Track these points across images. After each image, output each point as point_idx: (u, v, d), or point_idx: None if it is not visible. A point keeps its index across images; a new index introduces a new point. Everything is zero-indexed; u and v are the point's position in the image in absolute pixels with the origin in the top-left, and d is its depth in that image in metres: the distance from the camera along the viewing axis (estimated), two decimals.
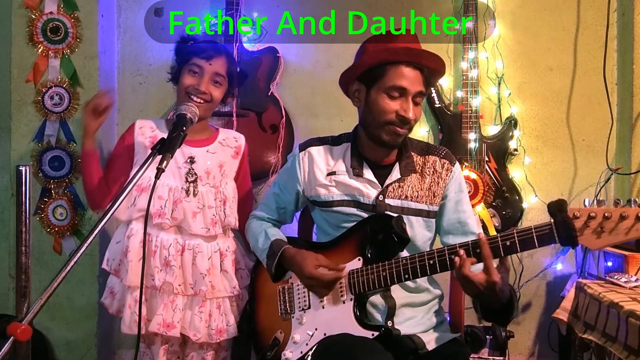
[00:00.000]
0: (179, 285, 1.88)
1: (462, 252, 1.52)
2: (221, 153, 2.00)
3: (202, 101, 1.94)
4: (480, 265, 1.51)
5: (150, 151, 1.49)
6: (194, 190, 1.92)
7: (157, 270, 1.87)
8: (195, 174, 1.94)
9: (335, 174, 1.81)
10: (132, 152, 2.01)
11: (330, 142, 1.88)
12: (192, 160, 1.94)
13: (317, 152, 1.86)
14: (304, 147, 1.89)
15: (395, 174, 1.77)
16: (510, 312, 1.61)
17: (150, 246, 1.89)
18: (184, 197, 1.90)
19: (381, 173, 1.79)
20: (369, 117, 1.76)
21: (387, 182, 1.77)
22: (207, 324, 1.91)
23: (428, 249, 1.80)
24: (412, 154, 1.82)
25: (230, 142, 2.03)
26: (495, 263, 1.50)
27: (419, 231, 1.77)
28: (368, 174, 1.78)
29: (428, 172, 1.79)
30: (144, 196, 1.87)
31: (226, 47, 2.17)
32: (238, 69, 2.11)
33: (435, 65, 1.75)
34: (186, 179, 1.92)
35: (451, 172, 1.81)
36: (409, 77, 1.70)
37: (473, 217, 1.84)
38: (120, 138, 2.06)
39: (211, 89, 1.95)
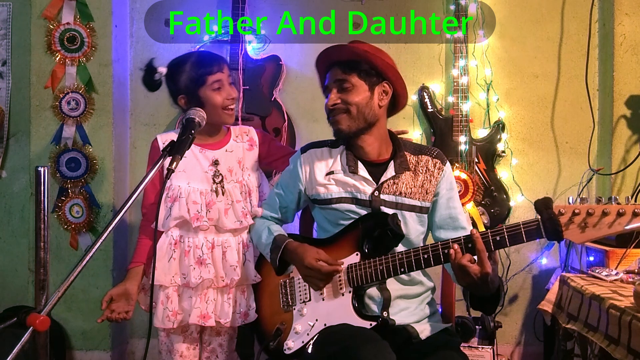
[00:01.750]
0: (212, 279, 1.89)
1: (456, 246, 1.53)
2: (237, 149, 2.00)
3: (234, 106, 1.95)
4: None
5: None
6: (221, 189, 1.93)
7: (192, 268, 1.88)
8: (221, 174, 1.94)
9: (333, 173, 1.81)
10: None
11: (329, 144, 1.88)
12: (216, 163, 1.94)
13: (317, 154, 1.87)
14: (305, 149, 1.90)
15: (390, 171, 1.77)
16: (497, 301, 1.62)
17: (184, 247, 1.90)
18: (215, 198, 1.91)
19: (376, 171, 1.79)
20: None
21: (383, 179, 1.77)
22: (234, 310, 1.92)
23: (421, 243, 1.81)
24: (406, 153, 1.82)
25: (242, 137, 2.03)
26: None
27: (412, 226, 1.77)
28: (362, 171, 1.78)
29: (421, 171, 1.79)
30: (177, 205, 1.88)
31: (215, 54, 2.12)
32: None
33: (337, 57, 1.77)
34: (213, 180, 1.93)
35: (443, 170, 1.81)
36: (329, 77, 1.80)
37: (463, 213, 1.84)
38: (149, 159, 2.00)
39: (233, 92, 1.95)
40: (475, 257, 1.50)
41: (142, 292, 1.97)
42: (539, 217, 1.46)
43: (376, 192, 1.76)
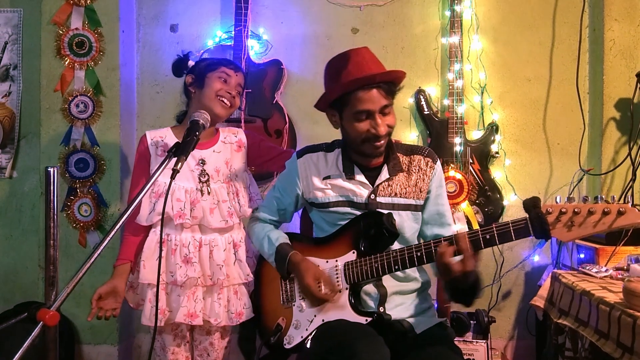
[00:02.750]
0: (199, 278, 1.88)
1: (447, 244, 1.53)
2: (225, 150, 1.99)
3: (229, 104, 1.93)
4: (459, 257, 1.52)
5: (165, 156, 1.48)
6: (207, 189, 1.92)
7: (178, 267, 1.86)
8: (207, 174, 1.93)
9: (330, 178, 1.81)
10: (150, 162, 1.98)
11: (324, 148, 1.87)
12: (203, 162, 1.93)
13: (313, 158, 1.85)
14: (300, 154, 1.87)
15: (384, 174, 1.77)
16: (475, 294, 1.62)
17: (171, 245, 1.89)
18: (199, 197, 1.90)
19: (371, 174, 1.79)
20: (348, 138, 1.77)
21: (377, 182, 1.77)
22: (227, 309, 1.91)
23: (416, 240, 1.81)
24: (398, 155, 1.81)
25: (231, 139, 2.02)
26: None
27: (407, 224, 1.77)
28: (359, 176, 1.78)
29: (414, 170, 1.80)
30: (161, 201, 1.85)
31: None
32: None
33: (389, 78, 1.70)
34: (199, 179, 1.92)
35: (434, 169, 1.81)
36: (369, 99, 1.66)
37: (449, 210, 1.85)
38: (137, 154, 2.00)
39: (234, 92, 1.94)
40: (461, 255, 1.51)
41: (131, 290, 1.96)
42: (527, 215, 1.46)
43: (372, 195, 1.76)
